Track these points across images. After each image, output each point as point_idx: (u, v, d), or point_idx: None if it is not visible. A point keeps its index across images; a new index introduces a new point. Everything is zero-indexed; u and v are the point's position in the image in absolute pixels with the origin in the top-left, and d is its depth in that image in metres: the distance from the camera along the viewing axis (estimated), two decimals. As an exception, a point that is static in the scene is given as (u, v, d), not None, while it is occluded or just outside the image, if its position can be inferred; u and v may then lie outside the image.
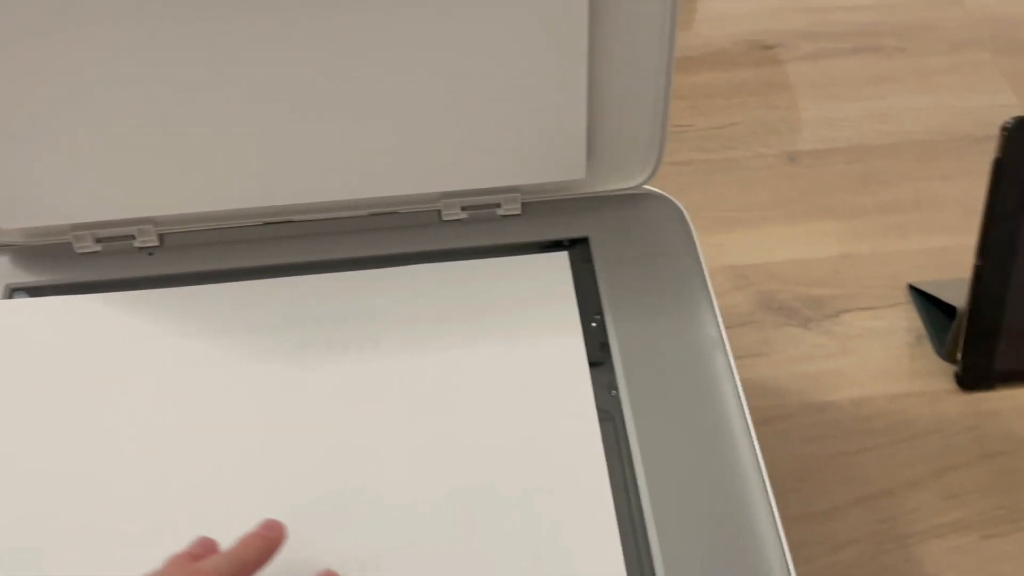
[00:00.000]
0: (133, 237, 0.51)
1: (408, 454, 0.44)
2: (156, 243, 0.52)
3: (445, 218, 0.52)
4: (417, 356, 0.47)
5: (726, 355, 0.46)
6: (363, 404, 0.46)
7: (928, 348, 0.67)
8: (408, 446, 0.44)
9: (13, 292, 0.50)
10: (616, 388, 0.45)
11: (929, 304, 0.68)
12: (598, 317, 0.49)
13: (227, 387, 0.46)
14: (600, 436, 0.44)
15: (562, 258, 0.51)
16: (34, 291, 0.51)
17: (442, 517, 0.42)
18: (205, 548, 0.39)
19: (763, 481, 0.42)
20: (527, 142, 0.50)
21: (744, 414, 0.44)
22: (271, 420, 0.45)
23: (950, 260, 0.70)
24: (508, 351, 0.47)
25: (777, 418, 0.63)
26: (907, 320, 0.69)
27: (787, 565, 0.39)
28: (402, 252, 0.52)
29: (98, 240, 0.51)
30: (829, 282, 0.71)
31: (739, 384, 0.45)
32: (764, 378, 0.66)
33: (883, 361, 0.66)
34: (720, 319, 0.48)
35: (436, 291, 0.50)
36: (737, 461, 0.43)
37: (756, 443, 0.43)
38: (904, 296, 0.70)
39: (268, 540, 0.40)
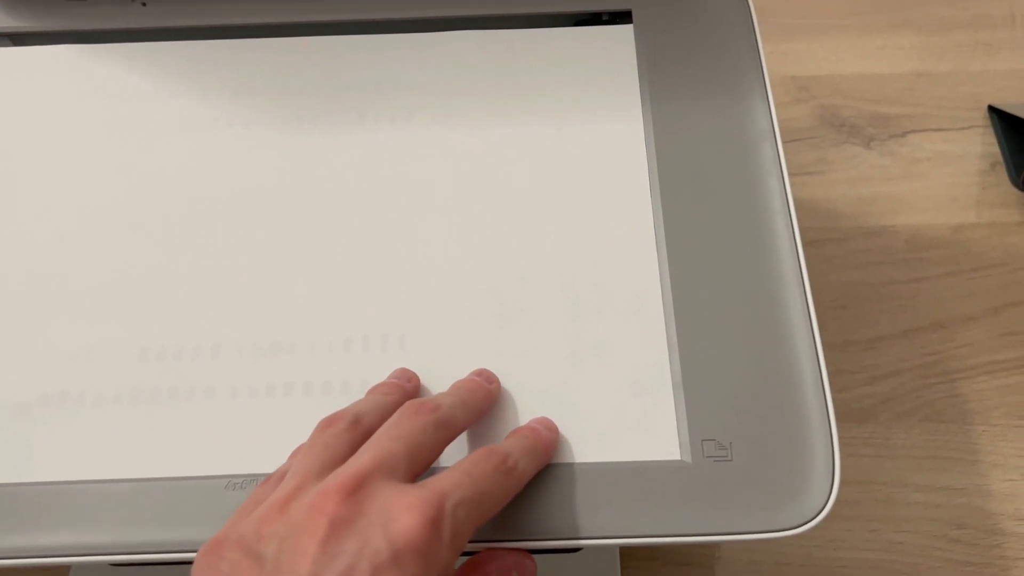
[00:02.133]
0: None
1: (443, 235, 0.40)
2: (156, -2, 0.47)
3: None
4: (457, 131, 0.43)
5: (776, 150, 0.41)
6: (394, 181, 0.42)
7: (1001, 177, 0.61)
8: (443, 227, 0.40)
9: (-4, 40, 0.46)
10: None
11: (1010, 128, 0.62)
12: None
13: (240, 154, 0.43)
14: (654, 234, 0.39)
15: (626, 32, 0.45)
16: (16, 39, 0.46)
17: (477, 303, 0.38)
18: (410, 380, 0.36)
19: (804, 293, 0.38)
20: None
21: (790, 219, 0.39)
22: (291, 192, 0.41)
23: (1041, 82, 0.63)
24: (559, 132, 0.43)
25: (826, 241, 0.58)
26: (983, 145, 0.62)
27: (822, 386, 0.36)
28: (437, 16, 0.46)
29: (90, -11, 0.46)
30: (900, 100, 0.65)
31: (787, 183, 0.40)
32: (817, 198, 0.60)
33: (950, 188, 0.61)
34: (774, 113, 0.42)
35: (478, 61, 0.45)
36: (777, 271, 0.38)
37: (800, 251, 0.39)
38: (982, 119, 0.63)
39: (489, 392, 0.36)
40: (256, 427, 0.36)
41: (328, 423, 0.33)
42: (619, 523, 0.33)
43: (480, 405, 0.35)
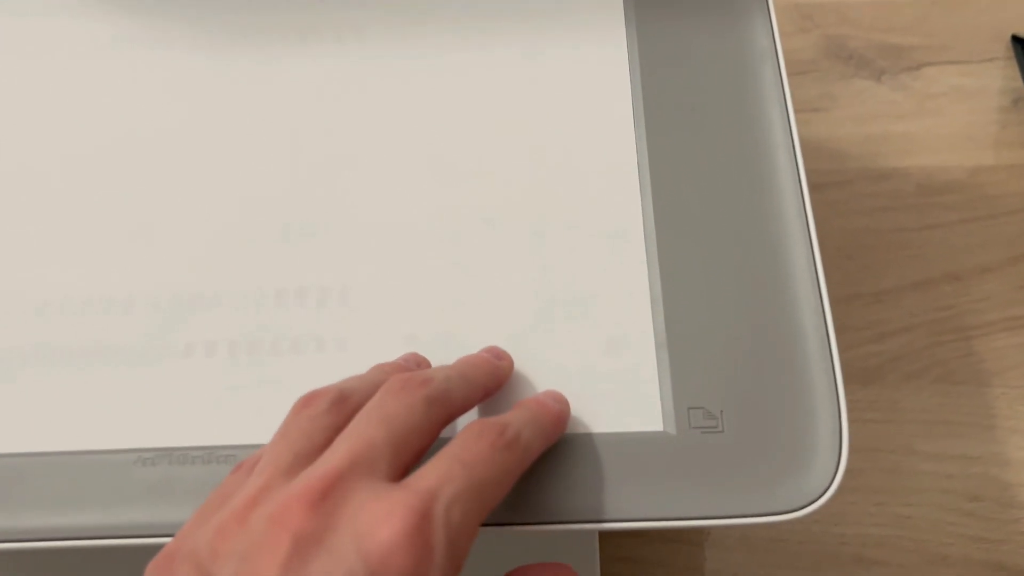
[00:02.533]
0: None
1: (393, 171, 0.35)
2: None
3: None
4: (412, 53, 0.37)
5: (778, 74, 0.35)
6: (337, 110, 0.36)
7: (1023, 115, 0.55)
8: (393, 162, 0.35)
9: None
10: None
11: (1034, 61, 0.56)
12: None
13: (160, 78, 0.37)
14: (637, 170, 0.34)
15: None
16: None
17: (431, 249, 0.33)
18: (418, 364, 0.31)
19: (808, 238, 0.32)
20: None
21: (793, 154, 0.34)
22: (217, 122, 0.36)
23: (1069, 10, 0.57)
24: (529, 54, 0.37)
25: (830, 185, 0.53)
26: (1003, 79, 0.57)
27: (828, 345, 0.31)
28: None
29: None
30: (913, 30, 0.59)
31: (791, 112, 0.35)
32: (821, 137, 0.55)
33: (967, 126, 0.55)
34: (776, 30, 0.37)
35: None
36: (778, 212, 0.33)
37: (804, 190, 0.33)
38: (1004, 51, 0.58)
39: (497, 368, 0.30)
40: (172, 393, 0.31)
41: (306, 402, 0.27)
42: (593, 505, 0.29)
43: (484, 381, 0.29)
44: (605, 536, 0.43)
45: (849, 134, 0.55)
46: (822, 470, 0.29)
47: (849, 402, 0.30)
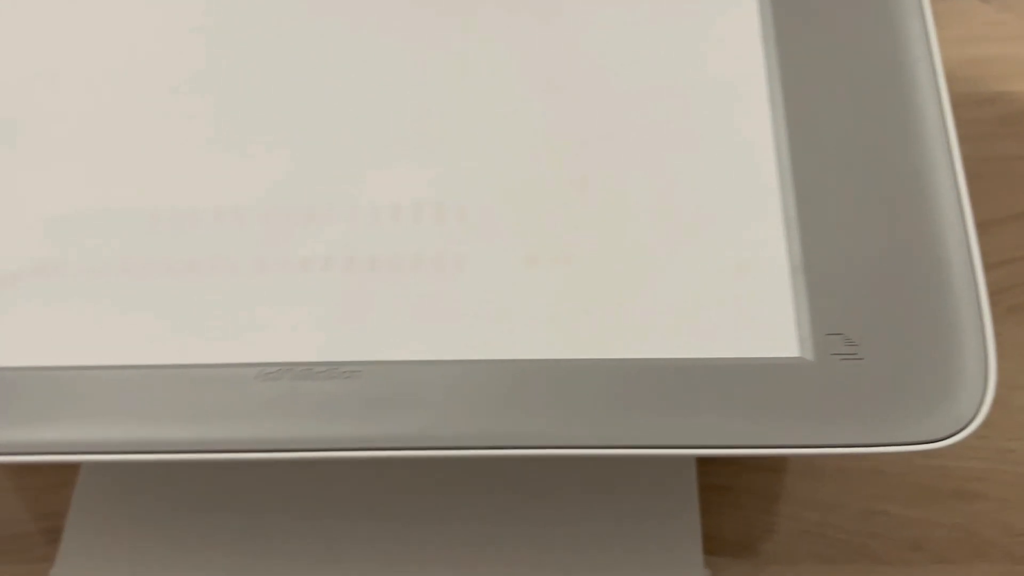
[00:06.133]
0: None
1: (509, 84, 0.33)
2: None
3: None
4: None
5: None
6: (461, 31, 0.35)
7: None
8: (509, 74, 0.33)
9: None
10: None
11: None
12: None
13: None
14: (767, 83, 0.32)
15: None
16: None
17: (550, 166, 0.32)
18: None
19: (950, 155, 0.31)
20: None
21: (932, 67, 0.32)
22: (331, 32, 0.34)
23: None
24: None
25: (932, 109, 0.51)
26: (1117, 1, 0.54)
27: (972, 268, 0.29)
28: None
29: None
30: (1021, -53, 0.56)
31: (930, 21, 0.33)
32: (921, 60, 0.52)
33: (1078, 48, 0.53)
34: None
35: None
36: (918, 129, 0.31)
37: (946, 105, 0.32)
38: (1118, -30, 0.55)
39: None
40: (292, 308, 0.30)
41: None
42: (728, 430, 0.28)
43: None
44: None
45: (951, 56, 0.52)
46: (968, 399, 0.28)
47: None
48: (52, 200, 0.32)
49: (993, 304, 0.47)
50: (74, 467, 0.41)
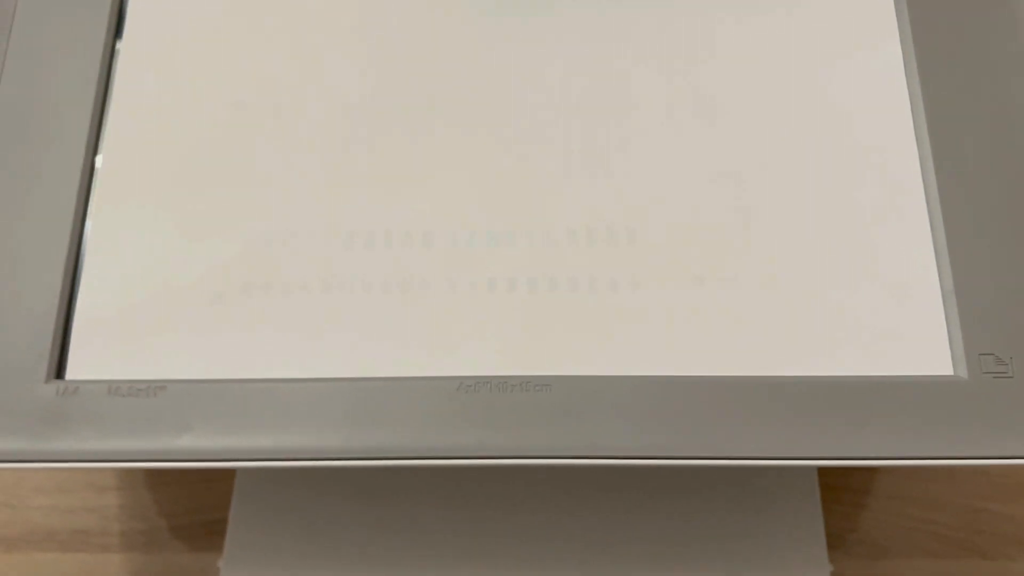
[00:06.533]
0: None
1: (668, 108, 0.36)
2: None
3: None
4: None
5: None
6: (605, 52, 0.37)
7: None
8: (668, 99, 0.36)
9: None
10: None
11: None
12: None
13: (452, 23, 0.37)
14: (911, 113, 0.35)
15: None
16: None
17: (713, 192, 0.34)
18: None
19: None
20: None
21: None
22: (505, 64, 0.37)
23: None
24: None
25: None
26: None
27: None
28: None
29: None
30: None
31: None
32: None
33: None
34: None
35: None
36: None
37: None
38: None
39: None
40: (485, 326, 0.33)
41: None
42: (892, 443, 0.31)
43: None
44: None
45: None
46: (1111, 416, 0.31)
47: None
48: (255, 221, 0.34)
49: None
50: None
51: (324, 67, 0.37)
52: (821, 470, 0.44)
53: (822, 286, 0.33)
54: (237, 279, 0.34)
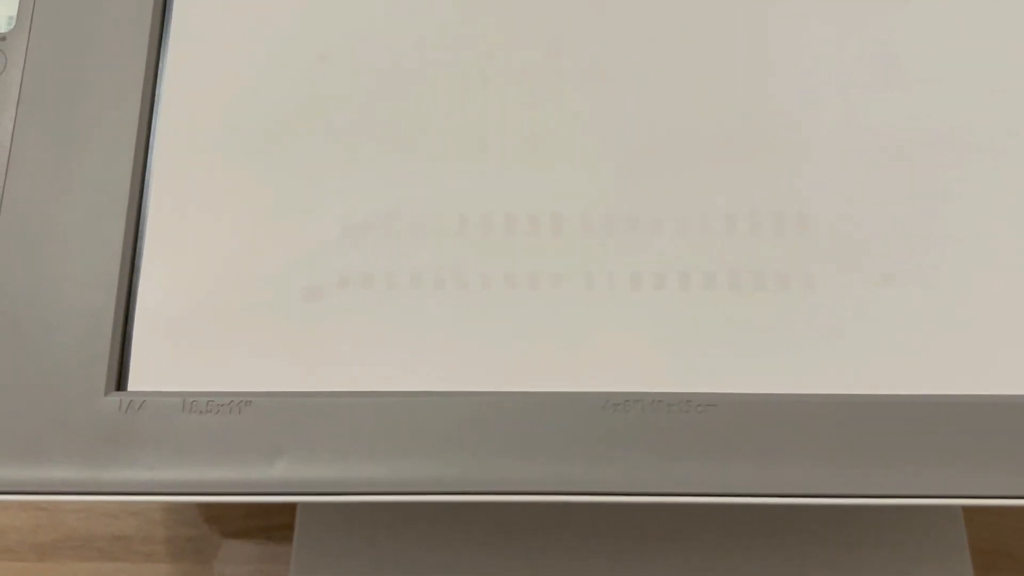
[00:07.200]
0: None
1: (836, 81, 0.30)
2: None
3: None
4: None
5: None
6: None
7: None
8: (832, 71, 0.30)
9: None
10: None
11: None
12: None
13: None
14: None
15: None
16: None
17: (889, 172, 0.29)
18: None
19: None
20: None
21: None
22: (639, 33, 0.31)
23: None
24: None
25: None
26: None
27: None
28: None
29: None
30: None
31: None
32: None
33: None
34: None
35: None
36: None
37: None
38: None
39: None
40: (631, 331, 0.27)
41: None
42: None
43: None
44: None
45: None
46: None
47: None
48: (352, 200, 0.28)
49: None
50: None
51: (430, 21, 0.30)
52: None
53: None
54: (332, 270, 0.28)
